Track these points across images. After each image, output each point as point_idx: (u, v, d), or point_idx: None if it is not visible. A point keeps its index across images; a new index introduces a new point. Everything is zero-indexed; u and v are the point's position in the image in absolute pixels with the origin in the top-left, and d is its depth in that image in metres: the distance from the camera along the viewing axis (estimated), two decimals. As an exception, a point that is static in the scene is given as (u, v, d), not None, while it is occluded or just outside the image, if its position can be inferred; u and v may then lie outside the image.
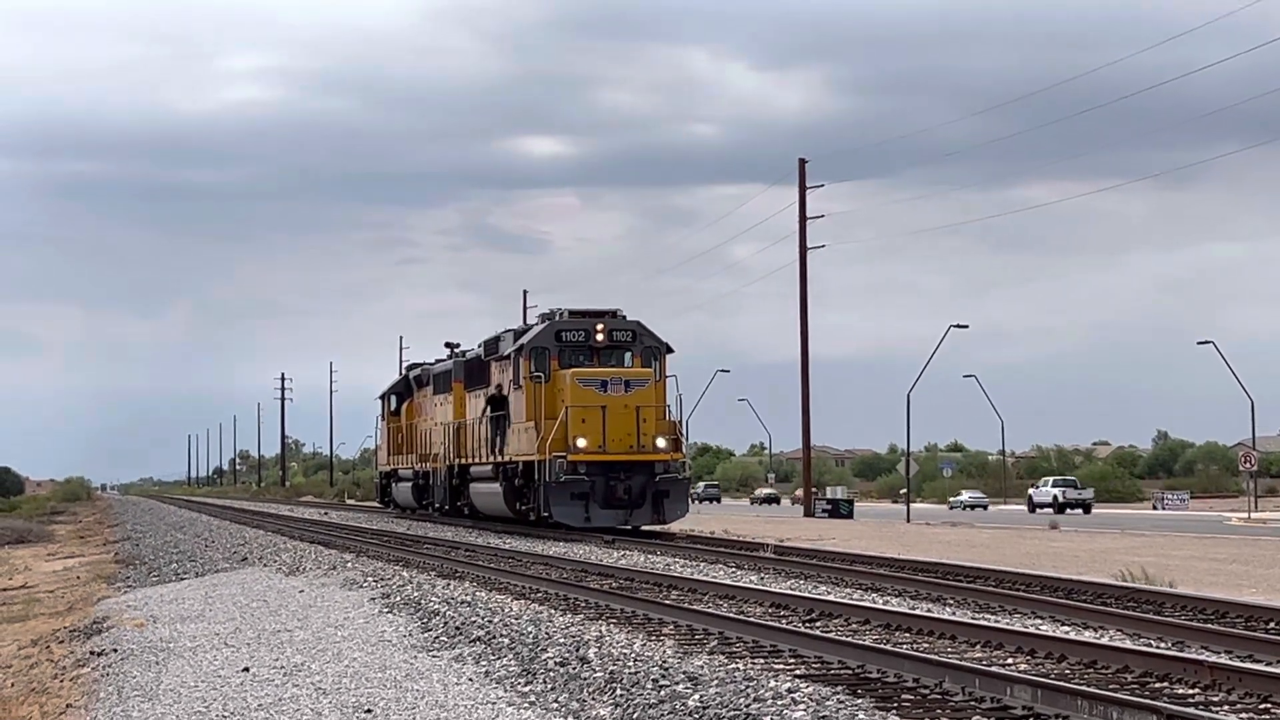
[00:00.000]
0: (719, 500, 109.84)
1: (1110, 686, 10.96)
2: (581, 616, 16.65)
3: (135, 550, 39.02)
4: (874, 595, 19.20)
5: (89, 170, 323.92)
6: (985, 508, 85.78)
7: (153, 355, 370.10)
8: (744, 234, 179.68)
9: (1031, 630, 14.23)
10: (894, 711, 10.25)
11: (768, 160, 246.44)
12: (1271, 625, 15.32)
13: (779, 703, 10.37)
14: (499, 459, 38.48)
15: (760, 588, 19.54)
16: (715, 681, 11.34)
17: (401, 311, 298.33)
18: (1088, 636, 14.03)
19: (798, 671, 12.18)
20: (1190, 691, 10.97)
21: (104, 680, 14.23)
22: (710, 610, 16.39)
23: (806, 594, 18.57)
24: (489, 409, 38.87)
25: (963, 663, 11.71)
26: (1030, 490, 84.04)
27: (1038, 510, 76.82)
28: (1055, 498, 76.06)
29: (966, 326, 68.97)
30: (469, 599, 18.70)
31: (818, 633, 14.19)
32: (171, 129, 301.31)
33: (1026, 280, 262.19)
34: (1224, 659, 12.10)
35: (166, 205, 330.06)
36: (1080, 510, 75.23)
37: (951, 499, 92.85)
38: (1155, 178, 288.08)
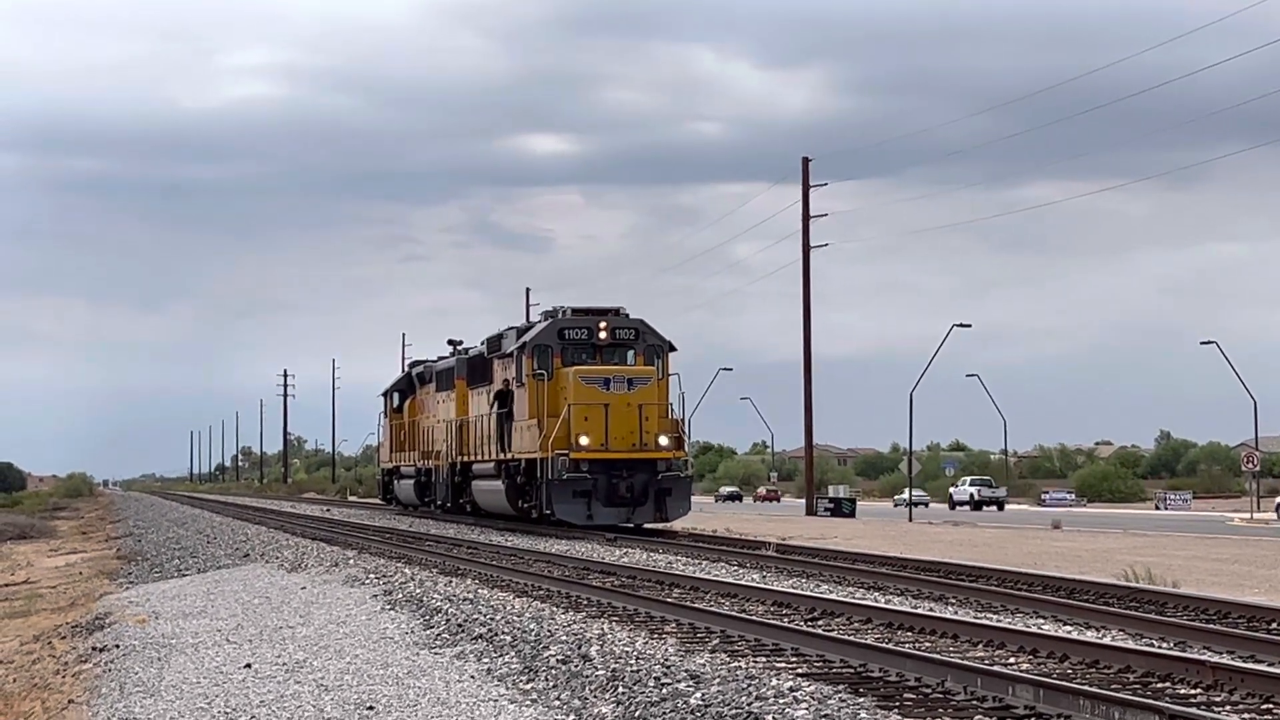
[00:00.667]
0: None
1: (1112, 686, 10.96)
2: (583, 614, 16.65)
3: (137, 546, 39.05)
4: (876, 594, 19.19)
5: (93, 166, 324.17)
6: (926, 505, 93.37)
7: (156, 351, 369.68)
8: (747, 232, 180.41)
9: (1034, 630, 14.23)
10: (896, 710, 10.25)
11: (771, 159, 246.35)
12: (1274, 626, 15.31)
13: (781, 701, 10.37)
14: (502, 456, 38.48)
15: (762, 586, 19.53)
16: (717, 680, 11.34)
17: (404, 308, 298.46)
18: (1090, 636, 14.03)
19: (800, 670, 12.18)
20: (1192, 692, 10.97)
21: (106, 676, 14.24)
22: (712, 609, 16.40)
23: (808, 592, 18.57)
24: (496, 405, 38.85)
25: (965, 662, 11.71)
26: (951, 489, 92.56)
27: (957, 507, 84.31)
28: (972, 495, 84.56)
29: (969, 326, 69.17)
30: (471, 596, 18.70)
31: (820, 631, 14.19)
32: (175, 126, 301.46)
33: (1029, 280, 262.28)
34: (1226, 659, 12.09)
35: (170, 202, 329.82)
36: (995, 507, 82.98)
37: (896, 497, 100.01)
38: (1158, 178, 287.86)
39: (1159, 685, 11.20)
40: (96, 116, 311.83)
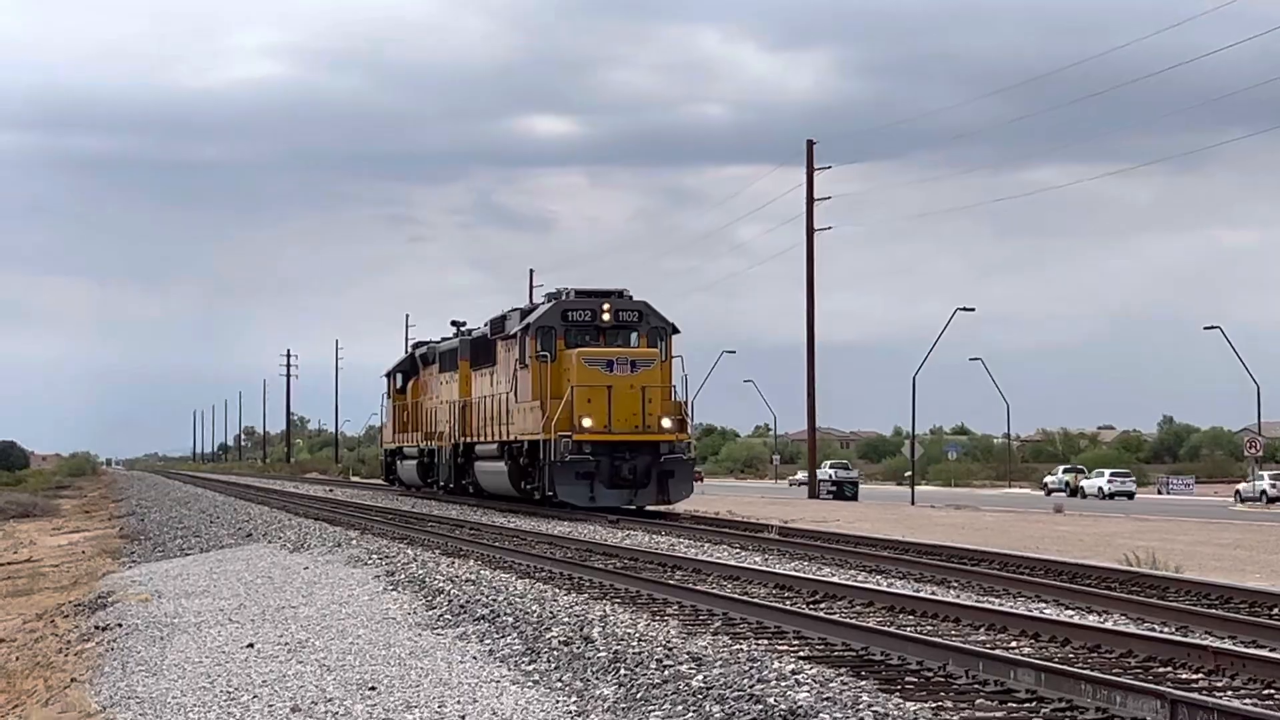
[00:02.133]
0: None
1: (1114, 670, 10.97)
2: (586, 596, 16.66)
3: (140, 525, 39.10)
4: (878, 577, 19.20)
5: (98, 145, 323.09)
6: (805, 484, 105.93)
7: (159, 330, 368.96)
8: (751, 215, 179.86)
9: (1035, 614, 14.24)
10: (898, 694, 10.26)
11: (776, 141, 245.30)
12: (1275, 611, 15.32)
13: (783, 684, 10.38)
14: (504, 438, 38.49)
15: (764, 569, 19.55)
16: (719, 662, 11.35)
17: (408, 289, 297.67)
18: (1092, 620, 14.04)
19: (802, 653, 12.19)
20: (1194, 676, 10.98)
21: (108, 655, 14.27)
22: (714, 591, 16.41)
23: (811, 575, 18.58)
24: (510, 385, 38.76)
25: (967, 646, 11.72)
26: (817, 472, 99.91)
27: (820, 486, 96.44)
28: (830, 476, 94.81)
29: (973, 309, 69.18)
30: (473, 577, 18.72)
31: (822, 614, 14.20)
32: (181, 104, 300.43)
33: (1034, 264, 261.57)
34: (1228, 644, 12.10)
35: (175, 180, 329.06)
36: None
37: (790, 479, 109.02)
38: (1164, 162, 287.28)
39: (1160, 670, 11.20)
40: (103, 95, 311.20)
